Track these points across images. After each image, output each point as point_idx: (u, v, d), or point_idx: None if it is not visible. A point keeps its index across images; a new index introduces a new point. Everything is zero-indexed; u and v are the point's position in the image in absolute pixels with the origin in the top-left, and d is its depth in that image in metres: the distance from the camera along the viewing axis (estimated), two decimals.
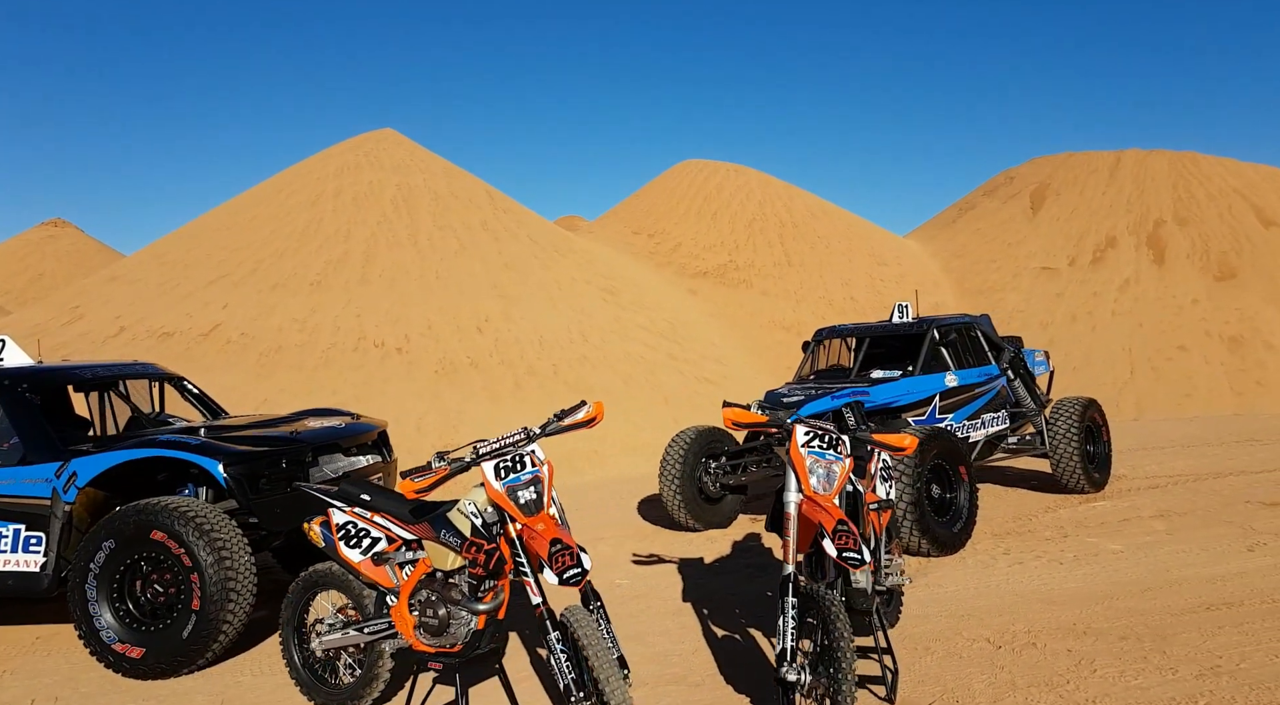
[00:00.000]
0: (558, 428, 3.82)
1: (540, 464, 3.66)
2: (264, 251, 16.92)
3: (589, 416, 3.89)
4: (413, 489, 3.55)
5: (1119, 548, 6.68)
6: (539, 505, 3.60)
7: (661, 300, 20.11)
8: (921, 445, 6.55)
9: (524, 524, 3.58)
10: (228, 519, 5.02)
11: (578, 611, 3.43)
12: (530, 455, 3.67)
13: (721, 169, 29.80)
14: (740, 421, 3.91)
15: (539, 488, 3.62)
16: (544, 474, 3.64)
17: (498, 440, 3.73)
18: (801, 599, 3.63)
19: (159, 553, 4.98)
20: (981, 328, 8.80)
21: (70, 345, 14.63)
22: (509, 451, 3.67)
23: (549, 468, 3.67)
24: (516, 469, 3.62)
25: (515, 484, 3.59)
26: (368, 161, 20.65)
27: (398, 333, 14.30)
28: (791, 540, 3.74)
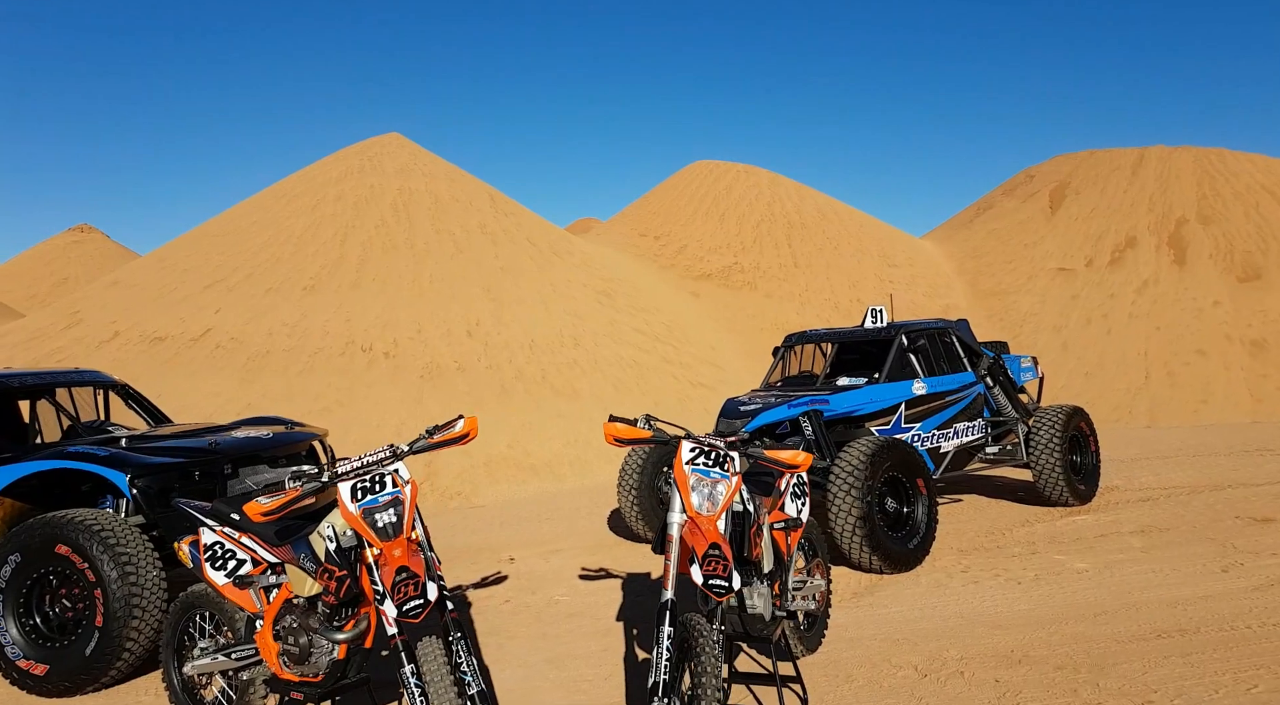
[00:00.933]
0: (427, 445, 3.62)
1: (403, 484, 3.46)
2: (261, 256, 16.96)
3: (463, 432, 3.69)
4: (259, 511, 3.37)
5: (1085, 567, 6.36)
6: (398, 529, 3.41)
7: (660, 303, 19.89)
8: (873, 457, 6.28)
9: (380, 549, 3.39)
10: (136, 533, 4.89)
11: (427, 645, 3.23)
12: (393, 475, 3.48)
13: (732, 170, 29.51)
14: (622, 437, 3.70)
15: (399, 510, 3.42)
16: (405, 495, 3.44)
17: (360, 458, 3.55)
18: (679, 628, 3.42)
19: (65, 567, 4.86)
20: (958, 333, 8.49)
21: (66, 349, 14.74)
22: (370, 471, 3.49)
23: (412, 488, 3.48)
24: (375, 490, 3.43)
25: (372, 506, 3.40)
26: (371, 166, 20.66)
27: (386, 337, 14.23)
28: (671, 564, 3.52)
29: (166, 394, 12.96)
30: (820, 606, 4.60)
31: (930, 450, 7.69)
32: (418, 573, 3.19)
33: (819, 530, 4.78)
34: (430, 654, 3.16)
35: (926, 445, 7.64)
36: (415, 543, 3.46)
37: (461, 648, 3.38)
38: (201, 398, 12.75)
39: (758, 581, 3.87)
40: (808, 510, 4.41)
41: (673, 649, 3.31)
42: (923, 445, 7.61)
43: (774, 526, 4.10)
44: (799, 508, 4.33)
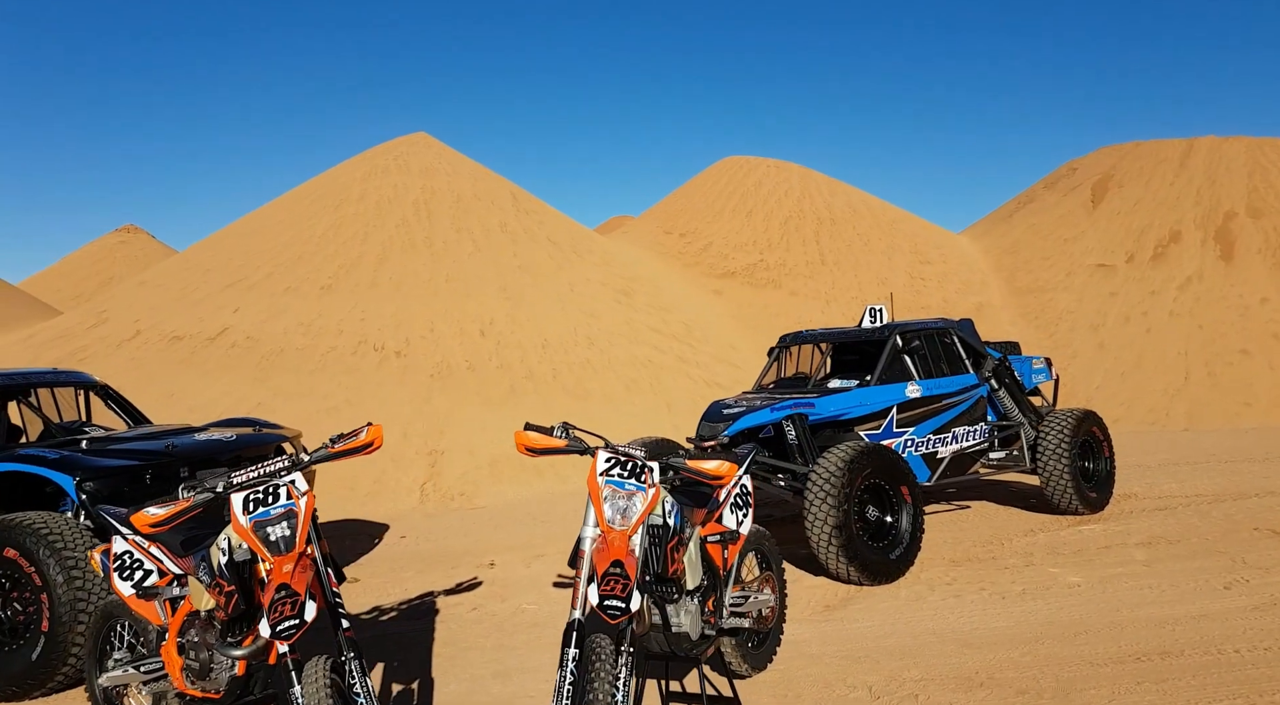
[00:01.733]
0: (327, 455, 3.50)
1: (298, 496, 3.34)
2: (282, 256, 17.11)
3: (366, 441, 3.56)
4: (147, 523, 3.28)
5: (1078, 581, 6.04)
6: (290, 544, 3.29)
7: (680, 302, 19.64)
8: (851, 463, 6.03)
9: (271, 564, 3.27)
10: (85, 536, 4.85)
11: (312, 667, 3.10)
12: (288, 487, 3.36)
13: (762, 165, 29.08)
14: (534, 447, 3.54)
15: (292, 523, 3.30)
16: (300, 508, 3.32)
17: (257, 468, 3.44)
18: (584, 650, 3.24)
19: (13, 571, 4.85)
20: (959, 333, 8.16)
21: (89, 348, 15.02)
22: (265, 482, 3.37)
23: (308, 501, 3.36)
24: (268, 502, 3.31)
25: (264, 519, 3.29)
26: (396, 165, 20.73)
27: (399, 336, 14.24)
28: (581, 581, 3.35)
29: (180, 392, 13.12)
30: (770, 622, 4.39)
31: (925, 455, 7.40)
32: (298, 591, 3.06)
33: (772, 541, 4.57)
34: (311, 675, 3.03)
35: (921, 450, 7.35)
36: (310, 558, 3.34)
37: (355, 668, 3.24)
38: (214, 396, 12.87)
39: (686, 598, 3.68)
40: (749, 522, 4.20)
41: (576, 672, 3.15)
42: (916, 450, 7.31)
43: (708, 539, 3.91)
44: (739, 519, 4.13)
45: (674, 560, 3.44)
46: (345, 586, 7.09)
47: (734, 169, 29.45)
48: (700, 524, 3.91)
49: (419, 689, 4.67)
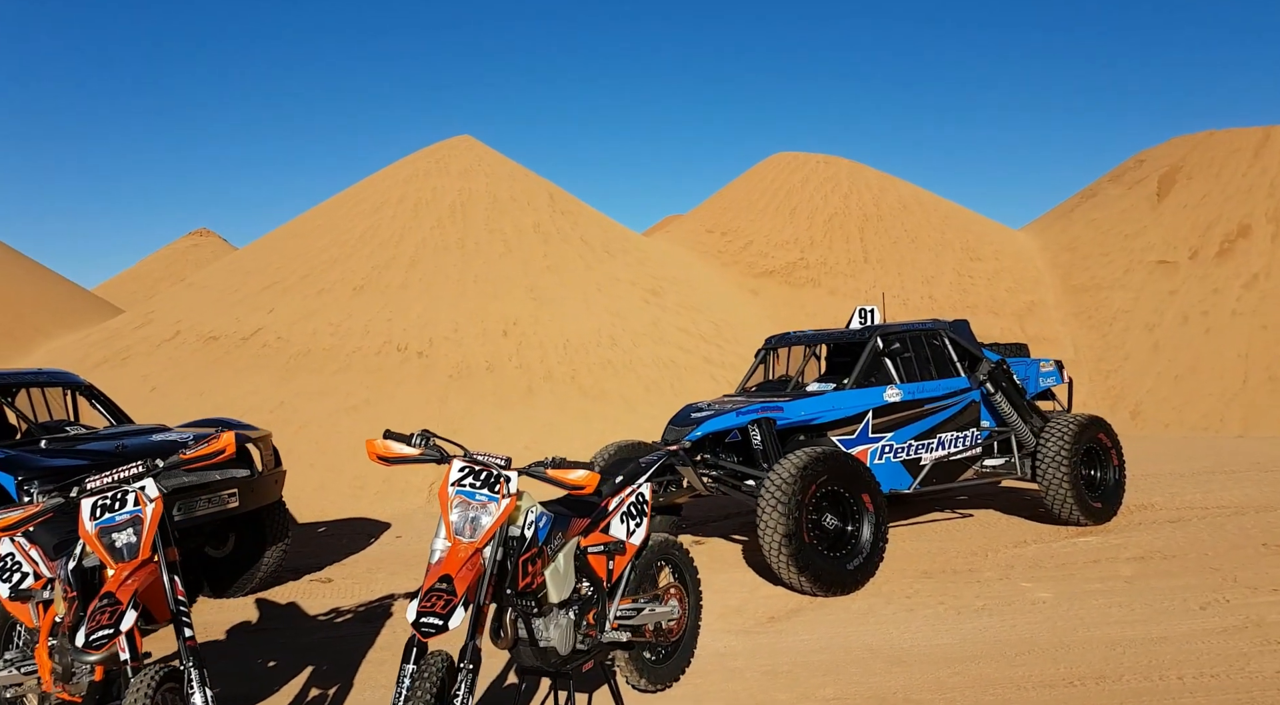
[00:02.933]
0: (179, 461, 3.53)
1: (146, 502, 3.38)
2: (319, 258, 17.54)
3: (216, 449, 3.58)
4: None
5: (1047, 596, 5.76)
6: (134, 551, 3.32)
7: (713, 301, 19.46)
8: (804, 469, 5.85)
9: (114, 570, 3.31)
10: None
11: (142, 677, 3.12)
12: (137, 493, 3.40)
13: (809, 161, 28.62)
14: (385, 456, 3.48)
15: (138, 529, 3.34)
16: (146, 514, 3.36)
17: (112, 473, 3.48)
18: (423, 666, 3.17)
19: None
20: (951, 335, 7.86)
21: (131, 348, 15.65)
22: (115, 488, 3.42)
23: (155, 507, 3.39)
24: (114, 508, 3.35)
25: (109, 525, 3.33)
26: (437, 168, 21.06)
27: (423, 337, 14.44)
28: None
29: (209, 391, 13.56)
30: (675, 635, 4.27)
31: (906, 462, 7.15)
32: (120, 600, 3.08)
33: (683, 551, 4.45)
34: (136, 685, 3.04)
35: (901, 456, 7.11)
36: (155, 565, 3.36)
37: (195, 678, 3.25)
38: (240, 395, 13.27)
39: (557, 612, 3.60)
40: (644, 532, 4.10)
41: (411, 690, 3.07)
42: (895, 456, 7.08)
43: (589, 550, 3.82)
44: (631, 529, 4.03)
45: (527, 573, 3.36)
46: (316, 586, 7.21)
47: (781, 166, 29.06)
48: (582, 534, 3.82)
49: (333, 696, 4.69)
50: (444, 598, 2.98)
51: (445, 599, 2.98)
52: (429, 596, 2.97)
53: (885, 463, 7.08)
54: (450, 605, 2.97)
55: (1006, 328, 20.84)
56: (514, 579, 3.31)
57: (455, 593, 3.00)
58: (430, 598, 2.97)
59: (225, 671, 5.15)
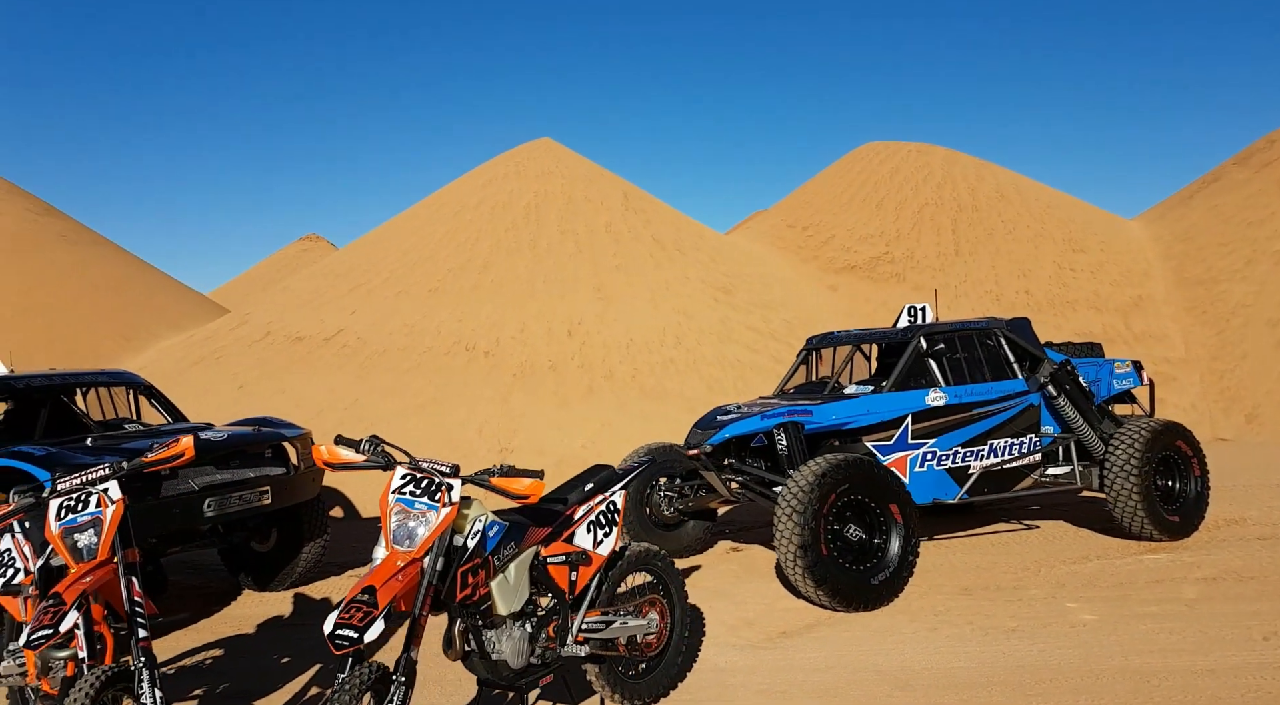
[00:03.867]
0: (141, 464, 3.61)
1: (108, 504, 3.47)
2: (401, 261, 18.04)
3: (175, 452, 3.64)
4: None
5: (1091, 618, 5.33)
6: (93, 551, 3.41)
7: (788, 299, 19.00)
8: (821, 478, 5.58)
9: (74, 570, 3.40)
10: None
11: (89, 677, 3.18)
12: (100, 495, 3.49)
13: (901, 150, 27.64)
14: (332, 461, 3.45)
15: (98, 531, 3.43)
16: (106, 516, 3.44)
17: (79, 475, 3.58)
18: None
19: None
20: (1008, 335, 7.37)
21: (226, 348, 16.46)
22: (80, 490, 3.51)
23: (117, 509, 3.47)
24: (78, 509, 3.45)
25: (72, 525, 3.43)
26: (515, 171, 21.37)
27: (490, 337, 14.64)
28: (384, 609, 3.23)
29: (290, 389, 14.11)
30: (654, 649, 4.12)
31: (951, 470, 6.75)
32: (65, 601, 3.15)
33: (667, 562, 4.30)
34: (80, 685, 3.11)
35: (946, 464, 6.72)
36: (114, 566, 3.44)
37: (146, 679, 3.31)
38: (318, 393, 13.76)
39: (510, 624, 3.51)
40: (613, 542, 3.96)
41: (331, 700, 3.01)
42: (939, 464, 6.69)
43: (550, 561, 3.71)
44: (598, 539, 3.90)
45: (467, 585, 3.27)
46: (331, 581, 7.34)
47: (870, 156, 28.20)
48: (543, 543, 3.71)
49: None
50: (363, 610, 2.92)
51: (364, 611, 2.92)
52: (349, 608, 2.93)
53: (928, 471, 6.70)
54: (369, 618, 2.90)
55: (1109, 324, 19.59)
56: (450, 591, 3.22)
57: (376, 605, 2.94)
58: (350, 609, 2.92)
59: (240, 668, 5.28)
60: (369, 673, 2.97)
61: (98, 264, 25.83)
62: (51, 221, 26.58)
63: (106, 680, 3.15)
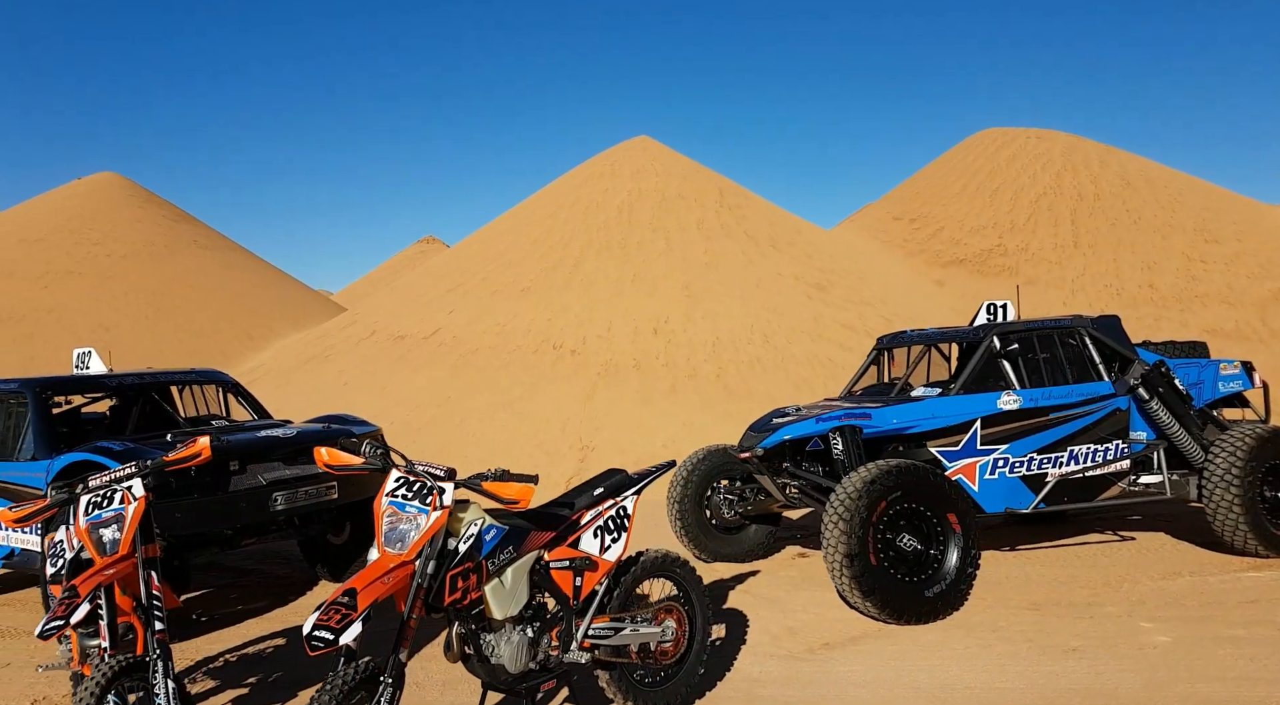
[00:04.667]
0: (162, 464, 3.79)
1: (131, 501, 3.66)
2: (497, 261, 18.50)
3: (192, 453, 3.80)
4: (10, 518, 3.74)
5: (1166, 640, 4.96)
6: (115, 546, 3.60)
7: (889, 295, 18.39)
8: (870, 485, 5.37)
9: (97, 563, 3.61)
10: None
11: (95, 671, 3.35)
12: (124, 492, 3.69)
13: (1019, 137, 26.34)
14: (331, 464, 3.52)
15: (121, 526, 3.62)
16: (128, 513, 3.63)
17: (109, 473, 3.80)
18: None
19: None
20: (1093, 334, 6.90)
21: (335, 347, 17.29)
22: (108, 487, 3.72)
23: (139, 506, 3.66)
24: (103, 506, 3.66)
25: (97, 521, 3.64)
26: (611, 170, 21.55)
27: (576, 335, 14.81)
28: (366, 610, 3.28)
29: (389, 386, 14.69)
30: (669, 658, 4.06)
31: (1026, 477, 6.39)
32: (80, 594, 3.34)
33: (687, 568, 4.22)
34: (92, 675, 3.28)
35: (1019, 471, 6.36)
36: (134, 561, 3.62)
37: (159, 669, 3.47)
38: (415, 389, 14.27)
39: (509, 628, 3.51)
40: (621, 548, 3.91)
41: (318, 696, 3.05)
42: (1011, 471, 6.34)
43: (554, 565, 3.70)
44: (606, 544, 3.86)
45: (456, 589, 3.27)
46: None
47: (985, 143, 27.02)
48: (546, 548, 3.70)
49: None
50: (342, 612, 2.95)
51: (343, 613, 2.95)
52: (328, 610, 2.96)
53: (999, 478, 6.33)
54: (347, 620, 2.93)
55: (1243, 320, 18.08)
56: (438, 594, 3.24)
57: (355, 608, 2.97)
58: (329, 611, 2.96)
59: (295, 657, 5.50)
60: (355, 672, 3.02)
61: (228, 268, 27.66)
62: (186, 228, 28.65)
63: (119, 670, 3.32)
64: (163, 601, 3.59)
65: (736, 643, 5.20)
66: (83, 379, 7.10)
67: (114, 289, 23.31)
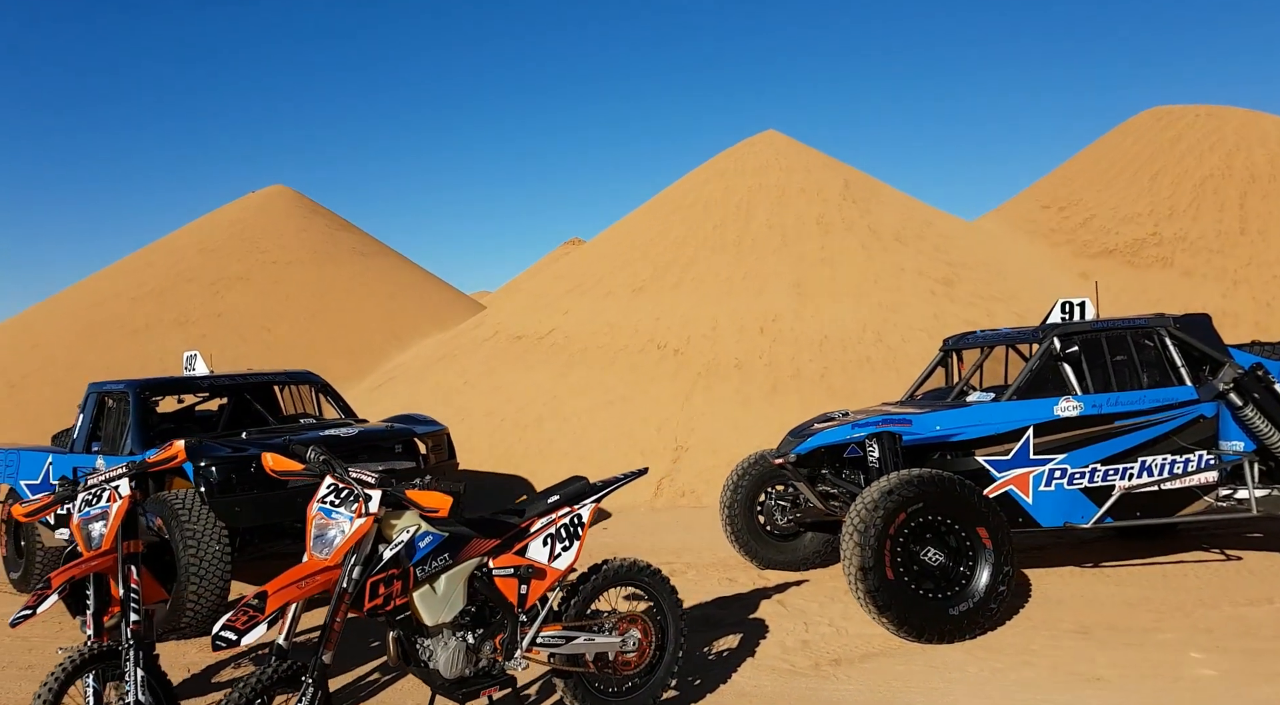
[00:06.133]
0: (145, 465, 4.12)
1: (117, 499, 3.98)
2: (613, 262, 18.79)
3: (168, 455, 4.12)
4: (21, 513, 4.17)
5: (1211, 673, 4.56)
6: (99, 541, 3.95)
7: (1024, 290, 17.20)
8: (887, 495, 5.16)
9: (85, 556, 4.00)
10: (204, 512, 6.13)
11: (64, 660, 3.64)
12: (112, 490, 4.01)
13: (1187, 115, 23.97)
14: (275, 469, 3.70)
15: (105, 523, 3.96)
16: (112, 510, 3.96)
17: (105, 472, 4.18)
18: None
19: (160, 537, 6.26)
20: (1174, 334, 6.28)
21: (462, 347, 18.15)
22: (98, 485, 4.09)
23: (122, 504, 3.95)
24: (93, 503, 4.03)
25: (87, 517, 4.01)
26: (735, 166, 21.39)
27: (682, 335, 14.82)
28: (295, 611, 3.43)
29: (504, 385, 15.28)
30: (631, 669, 4.07)
31: (1088, 490, 5.95)
32: (51, 584, 3.72)
33: (657, 577, 4.22)
34: (61, 663, 3.60)
35: (1079, 483, 5.93)
36: (114, 556, 3.93)
37: (131, 657, 3.73)
38: (526, 388, 14.77)
39: (447, 633, 3.62)
40: (572, 557, 3.96)
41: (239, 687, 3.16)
42: (1070, 483, 5.93)
43: (497, 573, 3.78)
44: (555, 553, 3.92)
45: (377, 595, 3.38)
46: None
47: (1149, 123, 24.79)
48: (491, 555, 3.78)
49: (384, 680, 5.17)
50: (248, 614, 3.10)
51: (249, 616, 3.09)
52: (238, 611, 3.13)
53: (1055, 490, 5.88)
54: (252, 622, 3.07)
55: None
56: (359, 599, 3.36)
57: (263, 611, 3.11)
58: (238, 613, 3.12)
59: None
60: (275, 672, 3.16)
61: (382, 272, 29.55)
62: (346, 236, 30.83)
63: (88, 658, 3.59)
64: (140, 594, 3.87)
65: (744, 654, 5.13)
66: (179, 380, 7.86)
67: (277, 294, 25.46)
